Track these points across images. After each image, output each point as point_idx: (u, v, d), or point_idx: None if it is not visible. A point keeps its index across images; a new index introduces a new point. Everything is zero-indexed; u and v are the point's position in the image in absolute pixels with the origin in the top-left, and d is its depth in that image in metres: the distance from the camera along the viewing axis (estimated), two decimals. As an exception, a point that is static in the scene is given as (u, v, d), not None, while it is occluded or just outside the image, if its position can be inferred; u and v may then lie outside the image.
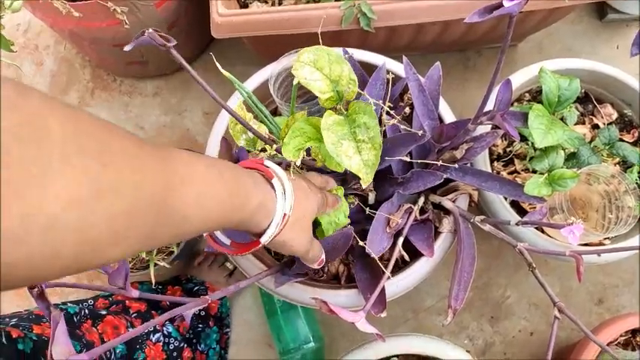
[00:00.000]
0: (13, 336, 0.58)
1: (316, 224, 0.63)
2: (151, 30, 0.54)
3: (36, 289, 0.51)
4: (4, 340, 0.56)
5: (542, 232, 0.77)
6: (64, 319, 0.47)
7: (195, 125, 1.13)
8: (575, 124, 0.83)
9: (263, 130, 0.65)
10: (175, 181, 0.33)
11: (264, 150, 0.63)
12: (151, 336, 0.80)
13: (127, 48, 0.55)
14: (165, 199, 0.32)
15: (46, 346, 0.60)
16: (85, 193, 0.25)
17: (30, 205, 0.23)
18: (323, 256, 0.59)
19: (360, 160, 0.49)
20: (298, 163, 0.52)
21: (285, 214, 0.46)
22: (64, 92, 1.15)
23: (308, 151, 0.61)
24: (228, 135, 0.76)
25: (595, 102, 0.86)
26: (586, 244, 0.78)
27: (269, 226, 0.46)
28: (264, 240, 0.46)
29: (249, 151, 0.67)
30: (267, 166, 0.49)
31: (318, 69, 0.51)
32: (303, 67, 0.51)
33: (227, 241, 0.53)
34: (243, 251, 0.50)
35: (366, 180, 0.49)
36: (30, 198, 0.23)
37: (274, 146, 0.58)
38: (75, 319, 0.73)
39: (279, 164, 0.61)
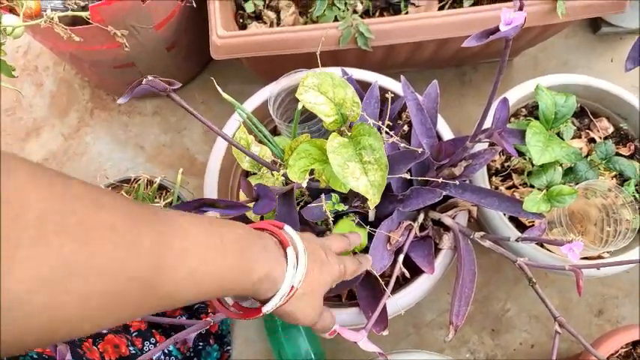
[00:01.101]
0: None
1: None
2: (150, 77, 0.54)
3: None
4: (4, 357, 0.56)
5: (542, 246, 0.78)
6: (70, 355, 0.48)
7: (194, 144, 1.13)
8: (572, 139, 0.84)
9: (265, 151, 0.65)
10: (167, 259, 0.31)
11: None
12: (152, 355, 0.80)
13: (120, 101, 0.54)
14: (153, 277, 0.30)
15: None
16: (56, 273, 0.24)
17: None
18: (336, 327, 0.57)
19: (367, 181, 0.50)
20: (304, 185, 0.53)
21: (292, 287, 0.44)
22: (64, 113, 1.16)
23: (311, 171, 0.62)
24: (229, 156, 0.76)
25: (591, 116, 0.87)
26: (585, 258, 0.79)
27: (273, 296, 0.43)
28: (267, 310, 0.44)
29: (253, 174, 0.67)
30: (286, 233, 0.47)
31: (322, 93, 0.53)
32: (307, 91, 0.52)
33: (230, 301, 0.51)
34: (244, 317, 0.48)
35: (374, 201, 0.50)
36: None
37: (281, 171, 0.58)
38: (75, 339, 0.74)
39: (292, 190, 0.61)
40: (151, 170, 1.10)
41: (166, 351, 0.83)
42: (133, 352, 0.77)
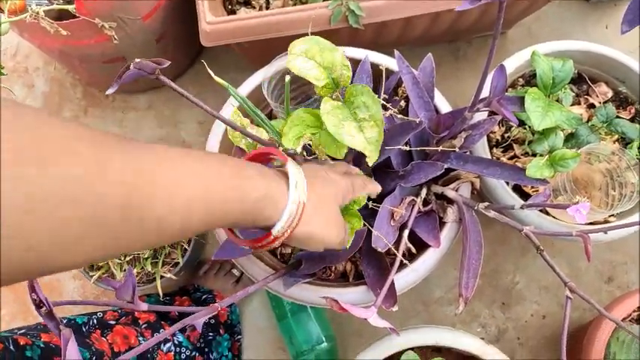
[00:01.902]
0: (21, 343, 0.57)
1: None
2: (137, 60, 0.53)
3: (44, 308, 0.50)
4: (11, 347, 0.56)
5: (547, 214, 0.77)
6: (74, 338, 0.47)
7: (190, 136, 1.13)
8: (571, 105, 0.83)
9: (261, 133, 0.64)
10: (141, 181, 0.29)
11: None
12: (162, 346, 0.79)
13: (109, 92, 0.53)
14: (129, 201, 0.28)
15: (55, 354, 0.60)
16: (19, 200, 0.23)
17: None
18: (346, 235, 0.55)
19: (363, 138, 0.50)
20: (298, 150, 0.53)
21: (300, 202, 0.42)
22: (58, 113, 1.15)
23: (308, 151, 0.61)
24: (226, 142, 0.76)
25: (589, 82, 0.86)
26: (591, 223, 0.78)
27: (281, 217, 0.41)
28: (277, 230, 0.41)
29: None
30: (279, 151, 0.46)
31: (310, 58, 0.53)
32: (295, 58, 0.53)
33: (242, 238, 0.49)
34: (255, 244, 0.44)
35: (372, 158, 0.50)
36: None
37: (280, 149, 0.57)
38: (84, 329, 0.73)
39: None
40: (149, 165, 1.09)
41: (177, 342, 0.83)
42: (143, 342, 0.76)
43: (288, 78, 0.62)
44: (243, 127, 0.63)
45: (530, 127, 0.81)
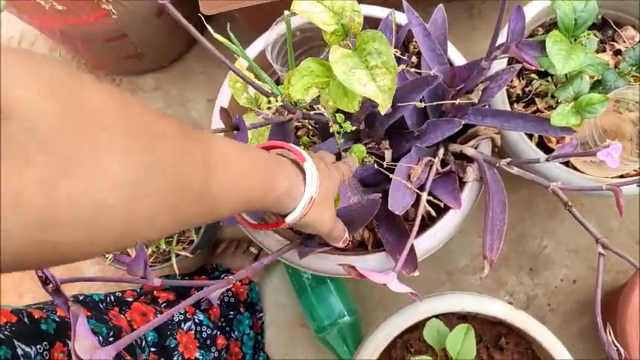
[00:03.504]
0: (36, 316, 0.56)
1: None
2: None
3: (51, 285, 0.49)
4: (26, 320, 0.55)
5: (575, 169, 0.73)
6: (84, 315, 0.45)
7: (200, 115, 1.10)
8: (596, 53, 0.78)
9: (265, 87, 0.62)
10: (215, 162, 0.33)
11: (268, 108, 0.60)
12: (182, 325, 0.78)
13: None
14: (205, 178, 0.32)
15: (70, 328, 0.59)
16: (130, 174, 0.25)
17: (78, 185, 0.22)
18: (347, 234, 0.58)
19: (375, 86, 0.47)
20: (308, 99, 0.50)
21: (311, 197, 0.46)
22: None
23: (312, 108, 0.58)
24: (233, 104, 0.73)
25: (614, 26, 0.80)
26: (621, 177, 0.73)
27: (295, 208, 0.46)
28: (290, 220, 0.46)
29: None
30: (297, 149, 0.49)
31: (318, 1, 0.49)
32: (302, 0, 0.49)
33: (252, 221, 0.54)
34: (267, 228, 0.51)
35: (385, 106, 0.47)
36: (79, 177, 0.22)
37: (279, 98, 0.54)
38: (101, 306, 0.72)
39: (290, 120, 0.58)
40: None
41: (197, 320, 0.81)
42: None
43: (286, 15, 0.58)
44: (244, 86, 0.61)
45: (552, 77, 0.76)
